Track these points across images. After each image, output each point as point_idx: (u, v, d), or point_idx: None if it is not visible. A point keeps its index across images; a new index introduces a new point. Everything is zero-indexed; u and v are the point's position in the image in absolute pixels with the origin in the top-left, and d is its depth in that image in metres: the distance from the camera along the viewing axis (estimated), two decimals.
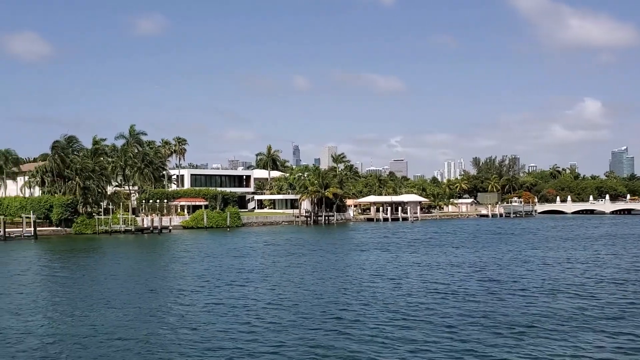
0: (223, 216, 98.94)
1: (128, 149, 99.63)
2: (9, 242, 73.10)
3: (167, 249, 64.15)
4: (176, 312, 28.14)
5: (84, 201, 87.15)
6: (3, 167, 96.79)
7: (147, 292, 33.95)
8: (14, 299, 32.39)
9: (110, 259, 53.00)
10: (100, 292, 34.13)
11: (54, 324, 26.01)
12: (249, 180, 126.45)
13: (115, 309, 28.86)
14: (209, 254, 55.42)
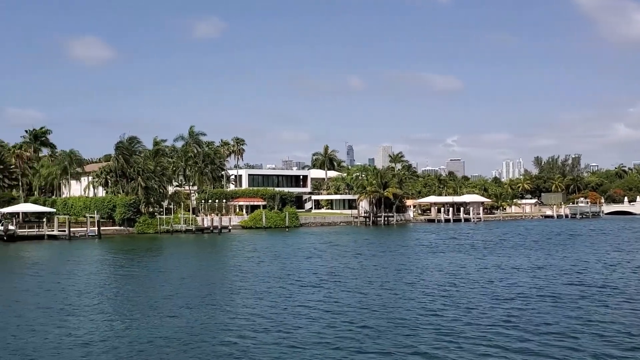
0: (281, 216, 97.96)
1: (188, 149, 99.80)
2: (74, 242, 73.81)
3: (231, 249, 63.11)
4: (262, 314, 26.62)
5: (146, 201, 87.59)
6: (68, 167, 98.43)
7: (227, 293, 32.75)
8: (85, 298, 31.60)
9: (178, 259, 52.36)
10: (179, 292, 32.95)
11: (139, 325, 24.81)
12: (306, 180, 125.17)
13: (198, 310, 27.64)
14: (278, 254, 54.04)
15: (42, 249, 64.62)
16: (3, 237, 72.56)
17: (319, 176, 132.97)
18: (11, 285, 37.44)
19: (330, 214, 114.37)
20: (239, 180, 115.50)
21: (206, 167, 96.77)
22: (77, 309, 28.41)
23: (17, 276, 41.64)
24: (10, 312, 27.96)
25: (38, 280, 38.91)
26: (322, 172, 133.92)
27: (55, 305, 29.42)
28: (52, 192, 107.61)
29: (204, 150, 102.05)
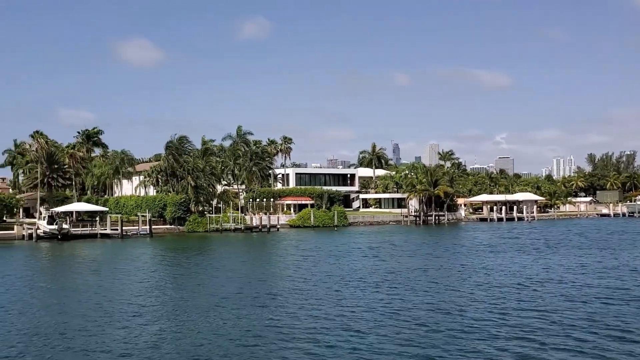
0: (329, 215, 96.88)
1: (237, 148, 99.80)
2: (126, 240, 74.41)
3: (283, 247, 62.17)
4: (329, 315, 25.59)
5: (196, 200, 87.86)
6: (119, 167, 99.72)
7: (289, 293, 31.80)
8: (146, 298, 31.16)
9: (232, 258, 51.82)
10: (240, 292, 32.20)
11: (206, 326, 24.07)
12: (354, 179, 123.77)
13: (262, 310, 26.84)
14: (333, 253, 52.92)
15: (96, 247, 65.22)
16: (57, 236, 73.72)
17: (367, 174, 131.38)
18: (72, 284, 37.34)
19: (379, 213, 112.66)
20: (286, 179, 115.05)
21: (254, 166, 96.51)
22: (139, 309, 27.90)
23: (76, 275, 41.70)
24: (74, 312, 27.62)
25: (97, 279, 38.82)
26: (369, 170, 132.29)
27: (119, 305, 29.05)
28: (104, 192, 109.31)
29: (251, 149, 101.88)
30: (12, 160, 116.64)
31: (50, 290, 34.75)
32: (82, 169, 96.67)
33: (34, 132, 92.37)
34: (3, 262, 50.70)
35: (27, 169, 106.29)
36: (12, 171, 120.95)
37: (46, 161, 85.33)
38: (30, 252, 60.67)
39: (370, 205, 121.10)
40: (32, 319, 26.23)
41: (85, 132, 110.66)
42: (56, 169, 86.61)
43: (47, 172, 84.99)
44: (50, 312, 27.79)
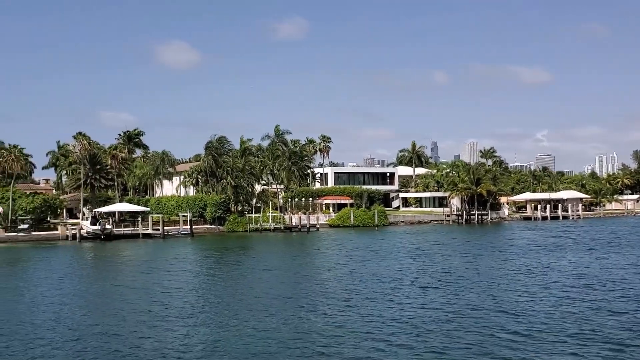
0: (369, 215, 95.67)
1: (275, 148, 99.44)
2: (167, 240, 74.64)
3: (326, 247, 61.08)
4: (388, 316, 24.74)
5: (236, 200, 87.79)
6: (160, 168, 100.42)
7: (342, 293, 30.91)
8: (195, 299, 30.72)
9: (276, 257, 51.23)
10: (289, 292, 31.54)
11: (257, 328, 23.33)
12: (393, 178, 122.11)
13: (316, 311, 26.02)
14: (379, 253, 51.88)
15: (139, 247, 65.48)
16: (100, 236, 74.40)
17: (406, 173, 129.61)
18: (120, 285, 37.12)
19: (420, 212, 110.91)
20: (324, 178, 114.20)
21: (293, 165, 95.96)
22: (192, 310, 27.41)
23: (123, 276, 41.62)
24: (127, 313, 27.29)
25: (145, 279, 38.59)
26: (409, 169, 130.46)
27: (170, 305, 28.64)
28: (145, 192, 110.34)
29: (290, 148, 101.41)
30: (55, 162, 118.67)
31: (99, 291, 34.52)
32: (123, 170, 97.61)
33: (77, 133, 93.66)
34: (50, 262, 51.10)
35: (69, 170, 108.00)
36: (56, 172, 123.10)
37: (89, 162, 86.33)
38: (75, 252, 61.17)
39: (411, 204, 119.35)
40: (85, 320, 25.96)
41: (126, 133, 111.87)
42: (99, 170, 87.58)
43: (90, 173, 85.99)
44: (103, 313, 27.47)
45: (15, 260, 53.38)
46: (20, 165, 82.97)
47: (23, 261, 52.68)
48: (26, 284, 37.79)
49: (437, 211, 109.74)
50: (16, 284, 37.77)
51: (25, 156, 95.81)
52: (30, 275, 41.87)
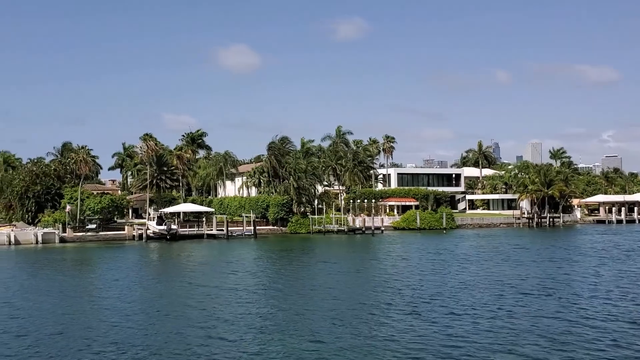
0: (436, 217, 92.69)
1: (337, 148, 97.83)
2: (231, 241, 74.16)
3: (398, 250, 58.79)
4: (500, 326, 22.95)
5: (298, 201, 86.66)
6: (223, 168, 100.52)
7: (438, 299, 29.29)
8: (270, 301, 29.39)
9: (347, 260, 49.77)
10: (374, 298, 29.95)
11: (352, 332, 21.78)
12: (459, 179, 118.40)
13: (418, 316, 24.37)
14: (458, 257, 49.62)
15: (205, 248, 65.15)
16: (166, 237, 74.61)
17: (472, 174, 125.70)
18: (191, 284, 36.34)
19: (488, 214, 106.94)
20: (387, 179, 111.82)
21: (356, 166, 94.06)
22: (260, 314, 26.28)
23: (193, 276, 40.76)
24: (200, 314, 26.41)
25: (215, 280, 37.79)
26: (475, 170, 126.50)
27: (239, 309, 27.56)
28: (208, 192, 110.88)
29: (353, 149, 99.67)
30: (121, 163, 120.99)
31: (170, 291, 33.76)
32: (187, 171, 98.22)
33: (144, 134, 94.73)
34: (119, 262, 51.07)
35: (135, 171, 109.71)
36: (121, 173, 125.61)
37: (155, 163, 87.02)
38: (142, 252, 61.27)
39: (477, 206, 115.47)
40: (156, 320, 25.44)
41: (189, 134, 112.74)
42: (164, 171, 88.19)
43: (156, 174, 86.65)
44: (172, 314, 26.68)
45: (86, 260, 53.70)
46: (88, 166, 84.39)
47: (93, 261, 52.88)
48: (100, 283, 37.57)
49: (505, 214, 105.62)
50: (90, 284, 37.58)
51: (93, 157, 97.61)
52: (102, 275, 41.65)
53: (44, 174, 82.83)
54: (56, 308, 29.37)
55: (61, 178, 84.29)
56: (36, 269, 46.78)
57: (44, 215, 79.10)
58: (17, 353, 20.93)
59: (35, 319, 26.62)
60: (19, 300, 31.87)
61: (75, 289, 36.05)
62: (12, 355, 20.78)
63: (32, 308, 29.37)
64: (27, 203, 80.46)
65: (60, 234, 73.06)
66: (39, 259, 54.06)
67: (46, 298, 32.47)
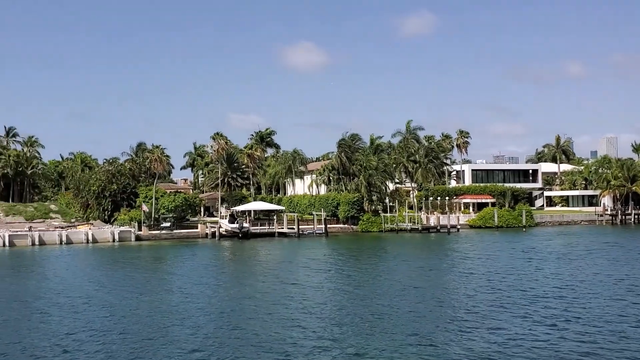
0: (514, 215, 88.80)
1: (409, 144, 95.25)
2: (303, 239, 73.20)
3: (480, 249, 55.91)
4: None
5: (369, 199, 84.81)
6: (292, 166, 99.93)
7: (538, 304, 26.81)
8: (357, 304, 27.88)
9: (428, 260, 47.50)
10: (473, 301, 28.00)
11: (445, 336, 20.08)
12: (536, 175, 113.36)
13: (516, 324, 22.24)
14: (556, 256, 46.78)
15: (277, 246, 64.42)
16: (238, 235, 74.45)
17: (548, 170, 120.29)
18: (267, 282, 35.29)
19: (567, 211, 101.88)
20: (462, 176, 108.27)
21: (430, 162, 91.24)
22: (339, 315, 24.82)
23: (270, 274, 39.79)
24: (288, 312, 25.21)
25: (291, 278, 36.74)
26: (552, 165, 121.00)
27: (317, 309, 26.29)
28: (277, 191, 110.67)
29: (426, 144, 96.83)
30: (192, 162, 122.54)
31: (252, 289, 32.74)
32: (257, 169, 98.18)
33: (215, 133, 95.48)
34: (195, 259, 50.87)
35: (206, 170, 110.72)
36: (192, 172, 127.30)
37: (226, 161, 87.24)
38: (216, 250, 61.07)
39: (556, 203, 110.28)
40: (232, 319, 24.46)
41: (258, 133, 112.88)
42: (235, 169, 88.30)
43: (227, 172, 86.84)
44: (248, 313, 25.61)
45: (163, 258, 53.77)
46: (162, 165, 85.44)
47: (170, 259, 52.85)
48: (179, 282, 37.05)
49: (586, 211, 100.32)
50: (169, 282, 37.17)
51: (167, 157, 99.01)
52: (181, 274, 41.27)
53: (120, 174, 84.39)
54: (138, 305, 29.19)
55: (136, 177, 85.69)
56: (117, 266, 47.00)
57: (120, 213, 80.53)
58: (101, 350, 20.84)
59: (120, 317, 26.45)
60: (103, 297, 31.66)
61: (157, 287, 35.66)
62: (97, 351, 20.64)
63: (116, 305, 29.10)
64: (103, 202, 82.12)
65: (136, 232, 74.10)
66: (118, 257, 54.52)
67: (129, 295, 32.38)
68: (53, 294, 33.22)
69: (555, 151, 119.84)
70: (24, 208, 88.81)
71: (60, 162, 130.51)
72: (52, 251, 61.03)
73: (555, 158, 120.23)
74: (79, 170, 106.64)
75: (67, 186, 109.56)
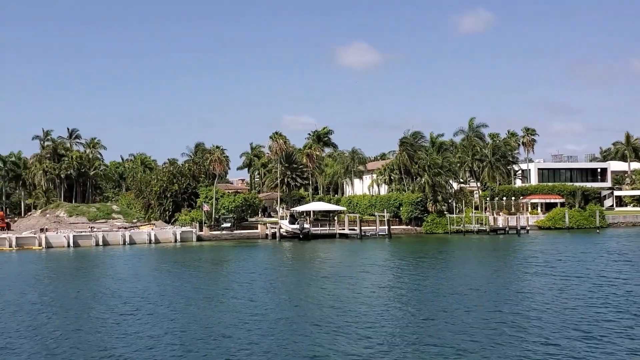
0: (585, 215, 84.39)
1: (474, 143, 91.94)
2: (365, 241, 71.21)
3: (563, 252, 52.35)
4: None
5: (434, 199, 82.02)
6: (350, 166, 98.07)
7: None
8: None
9: (507, 265, 44.82)
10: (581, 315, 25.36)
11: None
12: (605, 174, 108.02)
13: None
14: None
15: (339, 247, 62.66)
16: (299, 236, 73.08)
17: (617, 169, 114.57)
18: (334, 286, 33.52)
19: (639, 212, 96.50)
20: (528, 175, 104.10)
21: (497, 161, 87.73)
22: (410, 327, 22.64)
23: (336, 277, 38.02)
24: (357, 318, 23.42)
25: (360, 283, 34.92)
26: (621, 163, 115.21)
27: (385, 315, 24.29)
28: (335, 191, 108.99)
29: (493, 142, 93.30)
30: (249, 162, 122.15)
31: (319, 293, 31.12)
32: (316, 169, 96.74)
33: (274, 133, 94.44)
34: (258, 261, 49.69)
35: (263, 171, 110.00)
36: (249, 173, 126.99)
37: (285, 161, 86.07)
38: (278, 251, 59.76)
39: (627, 203, 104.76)
40: (290, 323, 22.45)
41: (315, 132, 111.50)
42: (294, 169, 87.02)
43: (287, 172, 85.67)
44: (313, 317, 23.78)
45: (226, 259, 52.78)
46: (222, 166, 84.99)
47: (234, 260, 51.73)
48: (246, 284, 35.86)
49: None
50: (236, 283, 35.92)
51: (227, 157, 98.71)
52: (247, 275, 40.01)
53: (181, 174, 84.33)
54: (204, 305, 28.68)
55: (196, 177, 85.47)
56: (184, 267, 46.11)
57: (181, 214, 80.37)
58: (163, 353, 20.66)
59: (186, 318, 26.11)
60: (174, 299, 30.58)
61: (225, 289, 34.49)
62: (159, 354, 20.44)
63: (182, 306, 28.22)
64: (165, 202, 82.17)
65: (197, 233, 73.67)
66: (183, 258, 53.75)
67: (195, 295, 31.88)
68: (130, 295, 32.76)
69: (625, 149, 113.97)
70: (87, 208, 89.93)
71: (121, 163, 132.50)
72: (117, 252, 60.96)
73: (625, 156, 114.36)
74: (140, 171, 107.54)
75: (127, 187, 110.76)
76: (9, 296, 32.86)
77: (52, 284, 38.02)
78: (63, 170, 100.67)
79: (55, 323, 25.82)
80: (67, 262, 52.96)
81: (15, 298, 32.28)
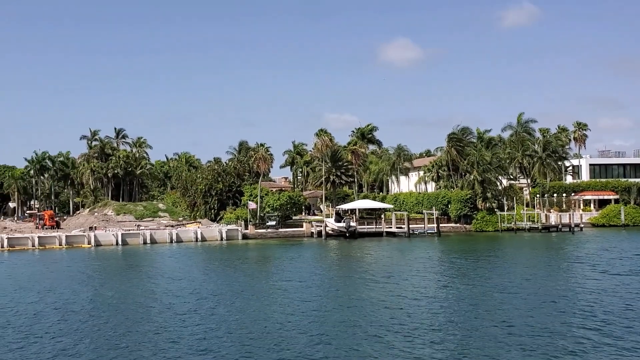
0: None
1: (524, 138, 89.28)
2: (413, 239, 69.66)
3: (628, 251, 50.36)
4: None
5: (483, 196, 79.94)
6: (396, 163, 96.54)
7: None
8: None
9: (572, 267, 42.84)
10: None
11: None
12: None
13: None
14: None
15: (387, 246, 61.36)
16: (345, 234, 72.09)
17: None
18: (383, 286, 32.41)
19: None
20: (579, 171, 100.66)
21: (548, 157, 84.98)
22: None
23: (387, 278, 36.90)
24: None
25: (416, 283, 33.77)
26: None
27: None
28: (379, 189, 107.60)
29: (544, 138, 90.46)
30: (292, 160, 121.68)
31: (370, 294, 30.07)
32: (360, 166, 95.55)
33: (319, 130, 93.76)
34: (305, 260, 48.90)
35: (306, 169, 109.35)
36: (291, 171, 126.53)
37: (330, 159, 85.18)
38: (325, 250, 58.86)
39: None
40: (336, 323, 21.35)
41: (359, 129, 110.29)
42: (339, 166, 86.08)
43: (332, 170, 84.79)
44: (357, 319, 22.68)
45: (273, 257, 52.20)
46: (266, 163, 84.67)
47: (281, 258, 51.02)
48: (295, 282, 35.12)
49: None
50: (284, 282, 35.29)
51: (271, 155, 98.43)
52: (294, 273, 39.39)
53: (225, 172, 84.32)
54: (261, 305, 28.15)
55: (240, 176, 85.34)
56: (233, 265, 45.67)
57: (226, 212, 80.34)
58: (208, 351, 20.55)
59: (246, 318, 25.62)
60: (228, 297, 30.01)
61: (277, 289, 33.73)
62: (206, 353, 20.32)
63: (240, 307, 27.69)
64: (210, 201, 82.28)
65: (243, 231, 73.44)
66: (230, 256, 53.37)
67: (250, 295, 31.48)
68: (187, 293, 32.42)
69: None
70: (134, 207, 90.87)
71: (166, 162, 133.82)
72: (165, 250, 61.05)
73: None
74: (185, 170, 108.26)
75: (172, 185, 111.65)
76: (66, 295, 32.81)
77: (106, 282, 37.93)
78: (110, 169, 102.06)
79: (116, 321, 25.60)
80: (117, 260, 53.18)
81: (72, 297, 32.20)
